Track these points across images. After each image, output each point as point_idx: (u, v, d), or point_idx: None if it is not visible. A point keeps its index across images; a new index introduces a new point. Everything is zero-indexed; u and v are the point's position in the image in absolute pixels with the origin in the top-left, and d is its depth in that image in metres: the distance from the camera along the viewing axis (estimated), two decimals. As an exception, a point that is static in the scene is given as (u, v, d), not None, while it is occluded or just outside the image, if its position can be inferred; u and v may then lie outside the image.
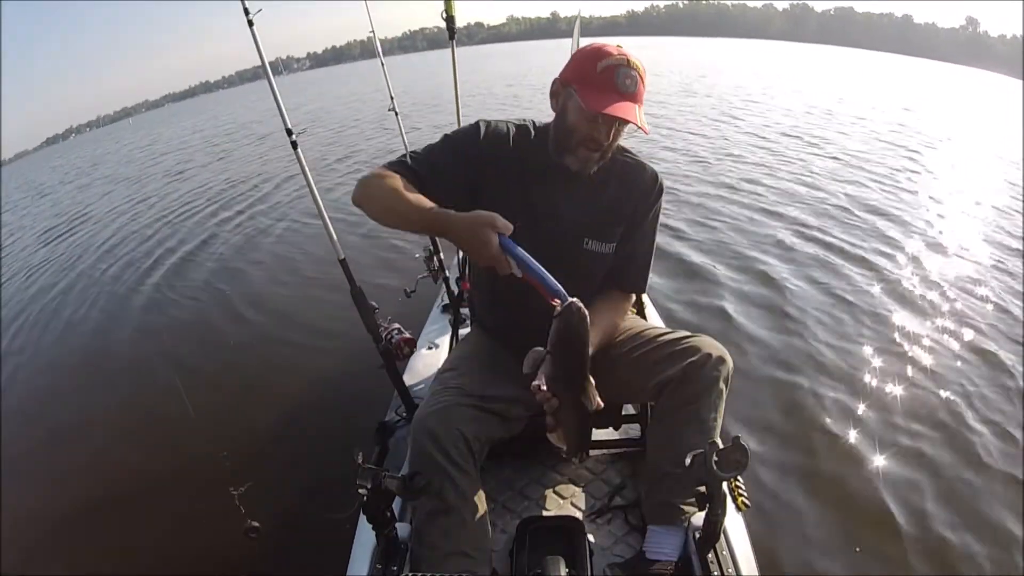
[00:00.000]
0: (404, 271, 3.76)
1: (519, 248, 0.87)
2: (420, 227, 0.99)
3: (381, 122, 10.66)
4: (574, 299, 0.84)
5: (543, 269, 0.87)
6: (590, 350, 0.90)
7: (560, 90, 1.10)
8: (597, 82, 1.00)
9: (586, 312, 0.84)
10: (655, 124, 8.77)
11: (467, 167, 1.11)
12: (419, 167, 1.07)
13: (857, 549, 1.75)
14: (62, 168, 18.04)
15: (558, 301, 0.85)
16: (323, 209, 1.70)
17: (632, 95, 1.00)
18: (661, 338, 1.21)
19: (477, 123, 1.16)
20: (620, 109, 0.99)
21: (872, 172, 6.06)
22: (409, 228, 1.01)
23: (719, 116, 9.72)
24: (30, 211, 10.18)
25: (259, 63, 1.47)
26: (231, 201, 6.67)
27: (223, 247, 5.03)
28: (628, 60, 1.01)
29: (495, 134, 1.15)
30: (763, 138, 8.00)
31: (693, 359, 1.11)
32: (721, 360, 1.12)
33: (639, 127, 1.01)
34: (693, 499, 1.14)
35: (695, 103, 11.22)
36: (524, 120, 1.20)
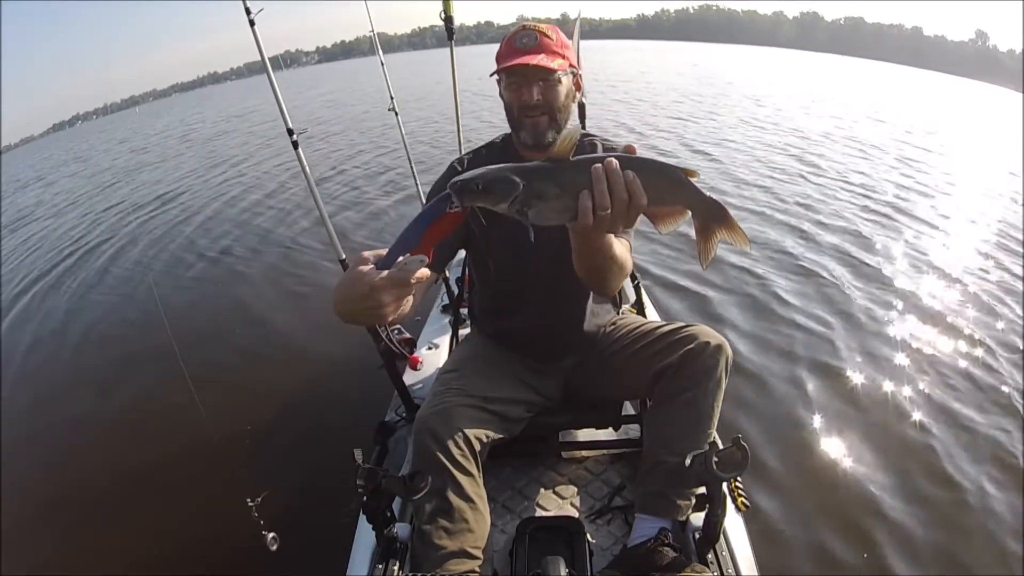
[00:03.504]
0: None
1: (389, 250, 0.73)
2: (352, 308, 0.77)
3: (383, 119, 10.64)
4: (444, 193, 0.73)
5: (404, 238, 0.73)
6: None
7: (498, 85, 1.15)
8: (502, 54, 1.11)
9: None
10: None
11: None
12: None
13: (864, 555, 1.75)
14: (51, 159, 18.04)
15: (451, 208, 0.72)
16: (323, 209, 1.70)
17: (531, 49, 1.08)
18: (659, 330, 1.23)
19: (452, 165, 1.22)
20: (518, 59, 1.06)
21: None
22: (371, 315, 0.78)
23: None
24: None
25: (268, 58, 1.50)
26: (229, 201, 6.65)
27: (221, 246, 5.01)
28: (525, 26, 1.11)
29: (472, 165, 1.19)
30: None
31: (690, 347, 1.12)
32: (719, 348, 1.12)
33: (536, 65, 1.05)
34: (686, 496, 1.14)
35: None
36: (495, 137, 1.26)
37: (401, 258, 0.68)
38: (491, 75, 1.11)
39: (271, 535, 1.12)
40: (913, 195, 5.60)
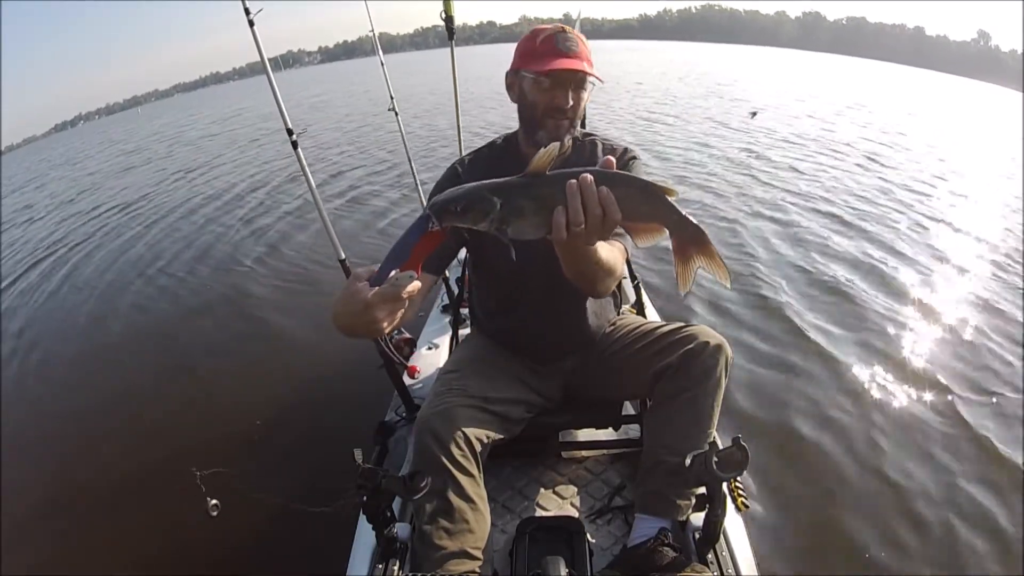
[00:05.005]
0: (404, 271, 3.76)
1: (380, 268, 0.75)
2: (349, 323, 0.79)
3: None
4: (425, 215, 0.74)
5: (392, 256, 0.75)
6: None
7: (513, 79, 1.13)
8: (541, 52, 1.06)
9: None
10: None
11: None
12: None
13: (864, 555, 1.75)
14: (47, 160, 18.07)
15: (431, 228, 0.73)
16: (323, 209, 1.70)
17: (576, 54, 1.05)
18: (659, 330, 1.23)
19: (453, 166, 1.22)
20: (567, 63, 1.04)
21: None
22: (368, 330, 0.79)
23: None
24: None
25: (268, 58, 1.51)
26: (228, 202, 6.65)
27: (219, 245, 5.01)
28: (563, 28, 1.08)
29: (472, 166, 1.20)
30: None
31: (690, 347, 1.12)
32: (719, 348, 1.12)
33: (590, 75, 1.05)
34: (686, 496, 1.14)
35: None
36: (496, 137, 1.26)
37: (392, 274, 0.72)
38: (529, 72, 1.07)
39: (213, 502, 1.15)
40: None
